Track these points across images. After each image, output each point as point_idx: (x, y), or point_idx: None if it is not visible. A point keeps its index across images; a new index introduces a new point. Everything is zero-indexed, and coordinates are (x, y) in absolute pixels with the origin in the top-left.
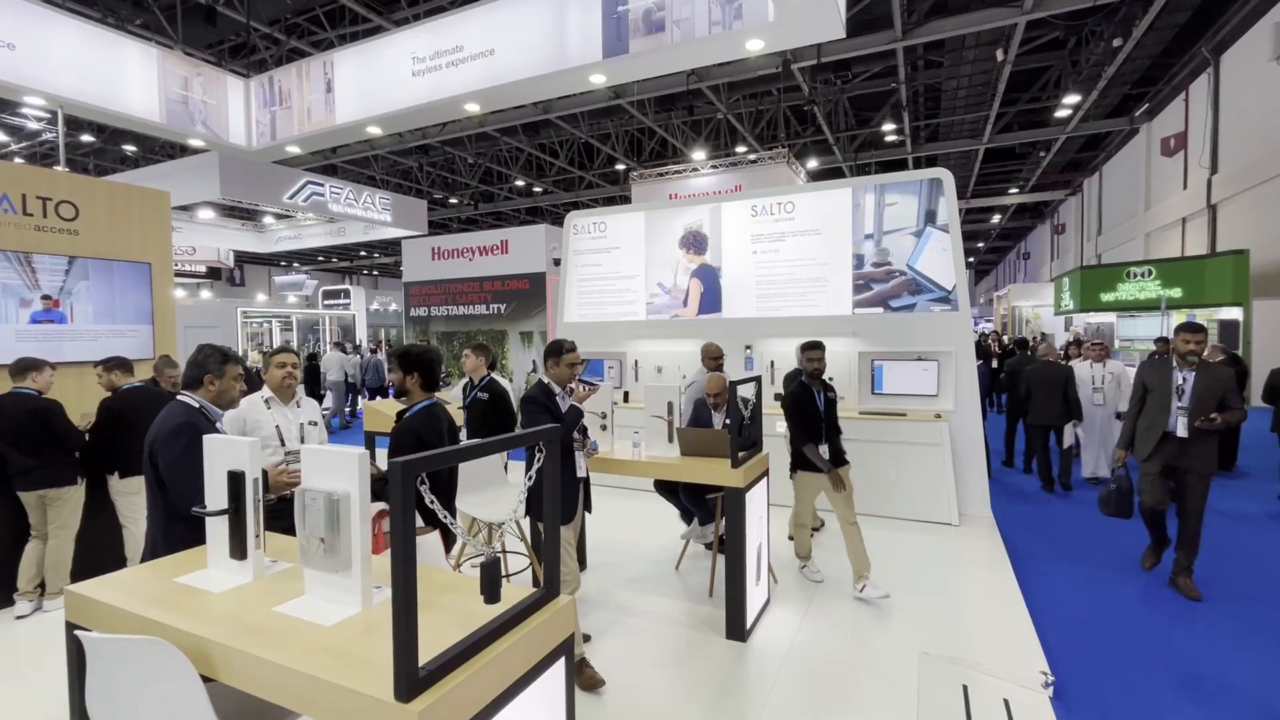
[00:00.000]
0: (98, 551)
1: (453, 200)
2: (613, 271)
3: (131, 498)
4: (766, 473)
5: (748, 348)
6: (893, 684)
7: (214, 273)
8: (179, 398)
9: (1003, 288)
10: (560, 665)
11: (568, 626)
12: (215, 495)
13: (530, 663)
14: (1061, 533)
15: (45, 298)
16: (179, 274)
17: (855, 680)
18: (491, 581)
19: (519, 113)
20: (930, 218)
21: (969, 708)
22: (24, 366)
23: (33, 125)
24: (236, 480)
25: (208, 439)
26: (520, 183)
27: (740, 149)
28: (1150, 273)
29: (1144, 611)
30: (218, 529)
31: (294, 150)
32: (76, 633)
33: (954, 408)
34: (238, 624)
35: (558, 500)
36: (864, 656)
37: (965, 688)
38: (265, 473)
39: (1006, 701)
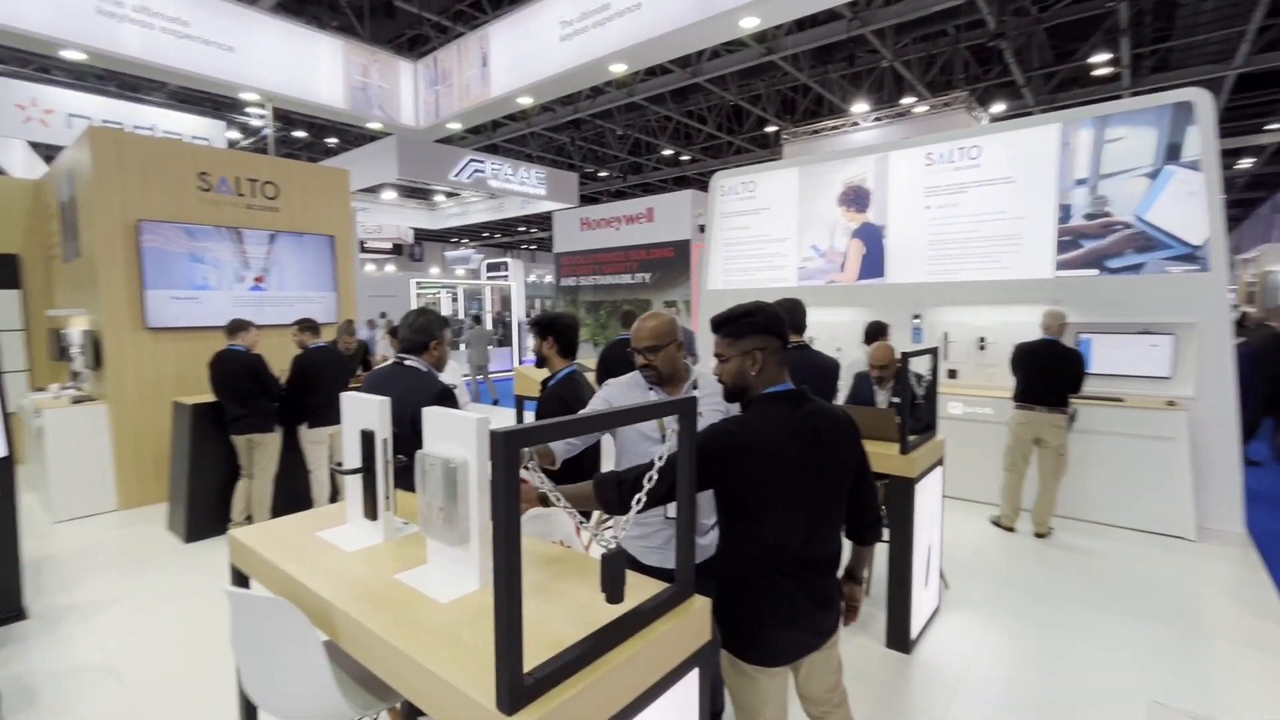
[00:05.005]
0: (292, 491)
1: (602, 174)
2: (761, 235)
3: (317, 446)
4: (941, 461)
5: (916, 317)
6: None
7: (398, 249)
8: (407, 363)
9: (1249, 249)
10: (693, 678)
11: (703, 633)
12: (351, 453)
13: (658, 674)
14: None
15: (256, 278)
16: (370, 250)
17: None
18: (614, 579)
19: (667, 79)
20: (1173, 153)
21: None
22: (235, 327)
23: (256, 123)
24: (368, 439)
25: (346, 396)
26: (668, 151)
27: (907, 100)
28: None
29: None
30: (355, 487)
31: (455, 126)
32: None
33: (1196, 394)
34: (360, 588)
35: (692, 484)
36: (1065, 693)
37: None
38: None
39: None
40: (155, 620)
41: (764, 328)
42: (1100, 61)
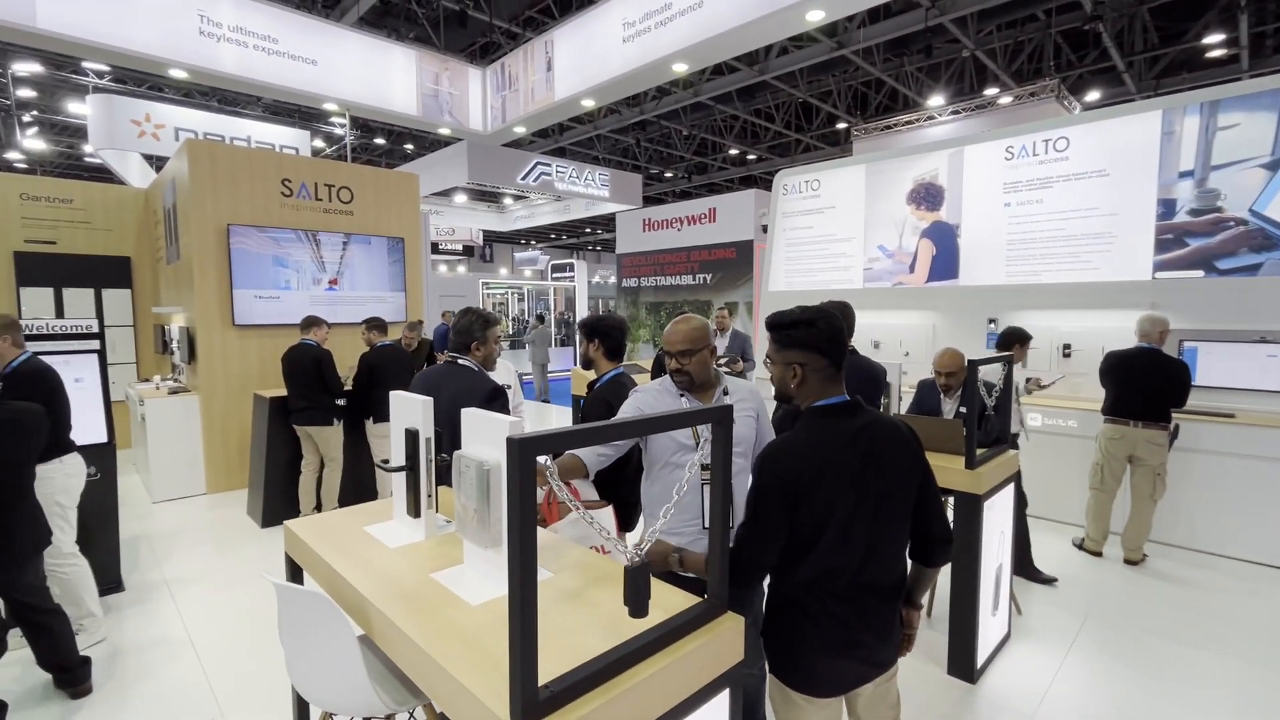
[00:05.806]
0: (360, 483)
1: (668, 174)
2: (825, 234)
3: (382, 440)
4: (1014, 477)
5: (991, 322)
6: None
7: (469, 250)
8: (460, 362)
9: None
10: (723, 699)
11: (735, 652)
12: (397, 451)
13: (684, 693)
14: None
15: (331, 280)
16: (444, 252)
17: None
18: (638, 592)
19: (734, 78)
20: None
21: None
22: (308, 322)
23: (338, 131)
24: (413, 438)
25: (394, 395)
26: (734, 151)
27: (990, 91)
28: None
29: None
30: (401, 484)
31: (520, 130)
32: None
33: None
34: (395, 586)
35: (729, 494)
36: None
37: None
38: None
39: None
40: (231, 599)
41: (808, 344)
42: (1215, 42)
